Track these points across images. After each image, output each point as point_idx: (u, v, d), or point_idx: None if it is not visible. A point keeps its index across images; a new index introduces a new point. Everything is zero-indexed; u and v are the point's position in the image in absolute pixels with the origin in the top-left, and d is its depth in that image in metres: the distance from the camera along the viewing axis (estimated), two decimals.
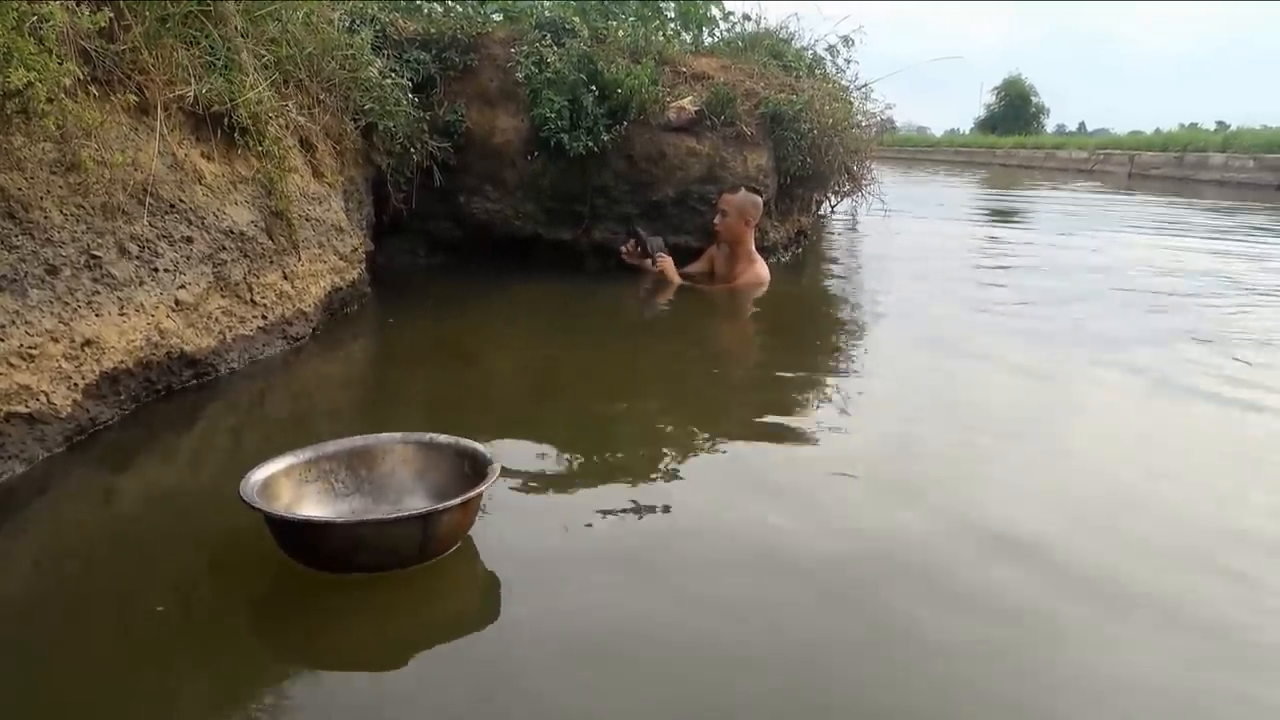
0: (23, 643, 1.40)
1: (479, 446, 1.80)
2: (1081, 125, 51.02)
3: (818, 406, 2.78)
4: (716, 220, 4.48)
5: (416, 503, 1.76)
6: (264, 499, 1.56)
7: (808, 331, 4.06)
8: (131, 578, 1.62)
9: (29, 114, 2.00)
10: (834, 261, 6.18)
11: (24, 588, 1.59)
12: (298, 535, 1.57)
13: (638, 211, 4.77)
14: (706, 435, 2.41)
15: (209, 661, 1.37)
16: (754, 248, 4.57)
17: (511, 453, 2.10)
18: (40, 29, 2.04)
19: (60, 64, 2.06)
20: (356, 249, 3.73)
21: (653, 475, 2.12)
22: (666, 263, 4.48)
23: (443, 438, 1.84)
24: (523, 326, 3.90)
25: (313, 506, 1.69)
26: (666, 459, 2.23)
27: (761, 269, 4.52)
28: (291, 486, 1.68)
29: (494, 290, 4.41)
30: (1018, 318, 4.15)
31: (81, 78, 2.20)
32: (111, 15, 2.34)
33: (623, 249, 4.57)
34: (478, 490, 1.62)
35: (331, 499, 1.74)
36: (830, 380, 3.10)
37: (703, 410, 2.69)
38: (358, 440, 1.82)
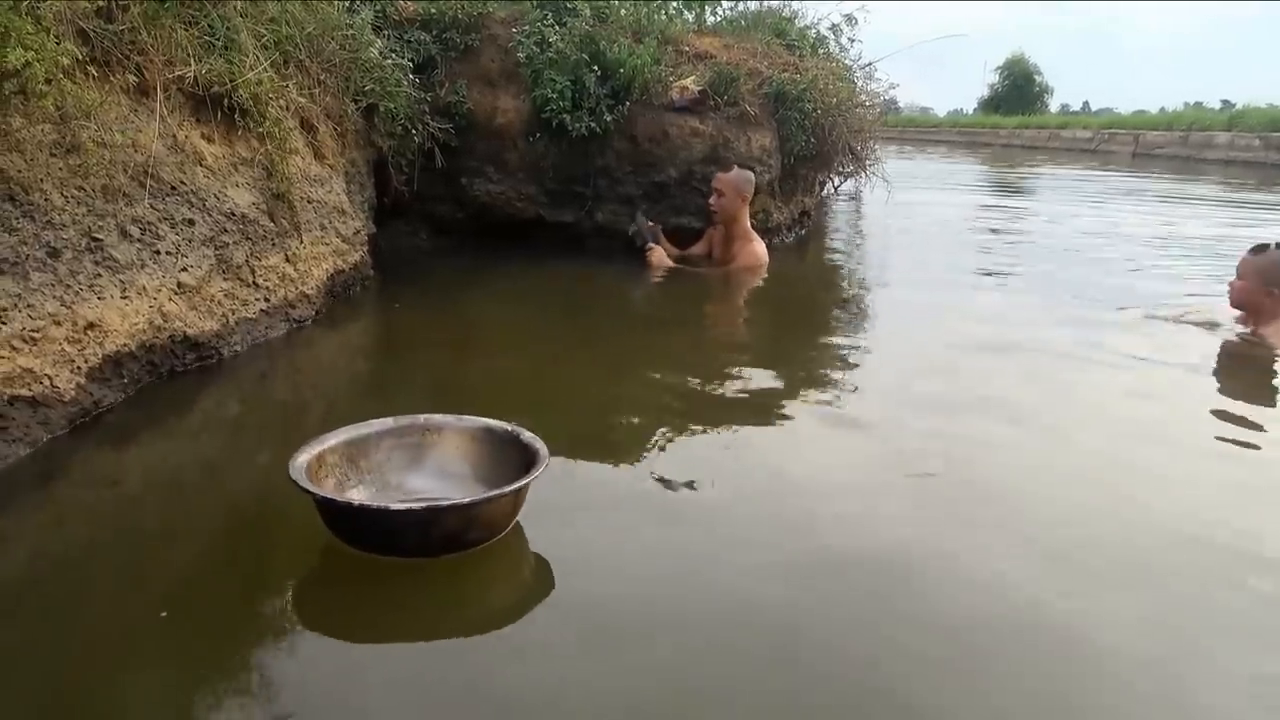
0: (26, 627, 1.40)
1: (487, 421, 1.80)
2: (1085, 105, 50.57)
3: (825, 387, 2.77)
4: (712, 201, 4.43)
5: (422, 484, 1.75)
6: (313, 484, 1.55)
7: (809, 311, 4.04)
8: (135, 562, 1.62)
9: (27, 94, 1.98)
10: (837, 241, 6.15)
11: (27, 571, 1.59)
12: (402, 523, 1.53)
13: (640, 193, 4.74)
14: (711, 418, 2.40)
15: (226, 648, 1.37)
16: (750, 226, 4.54)
17: None
18: (38, 8, 2.02)
19: (58, 44, 2.04)
20: (358, 231, 3.71)
21: (662, 457, 2.12)
22: (654, 253, 4.45)
23: (440, 417, 1.84)
24: (526, 309, 3.88)
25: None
26: (673, 440, 2.22)
27: (759, 248, 4.48)
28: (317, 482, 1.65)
29: (497, 272, 4.39)
30: (1019, 295, 4.14)
31: (80, 58, 2.17)
32: None
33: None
34: (544, 462, 1.65)
35: (341, 493, 1.70)
36: (835, 359, 3.09)
37: (706, 391, 2.67)
38: (349, 431, 1.75)
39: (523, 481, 1.60)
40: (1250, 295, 3.20)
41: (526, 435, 1.74)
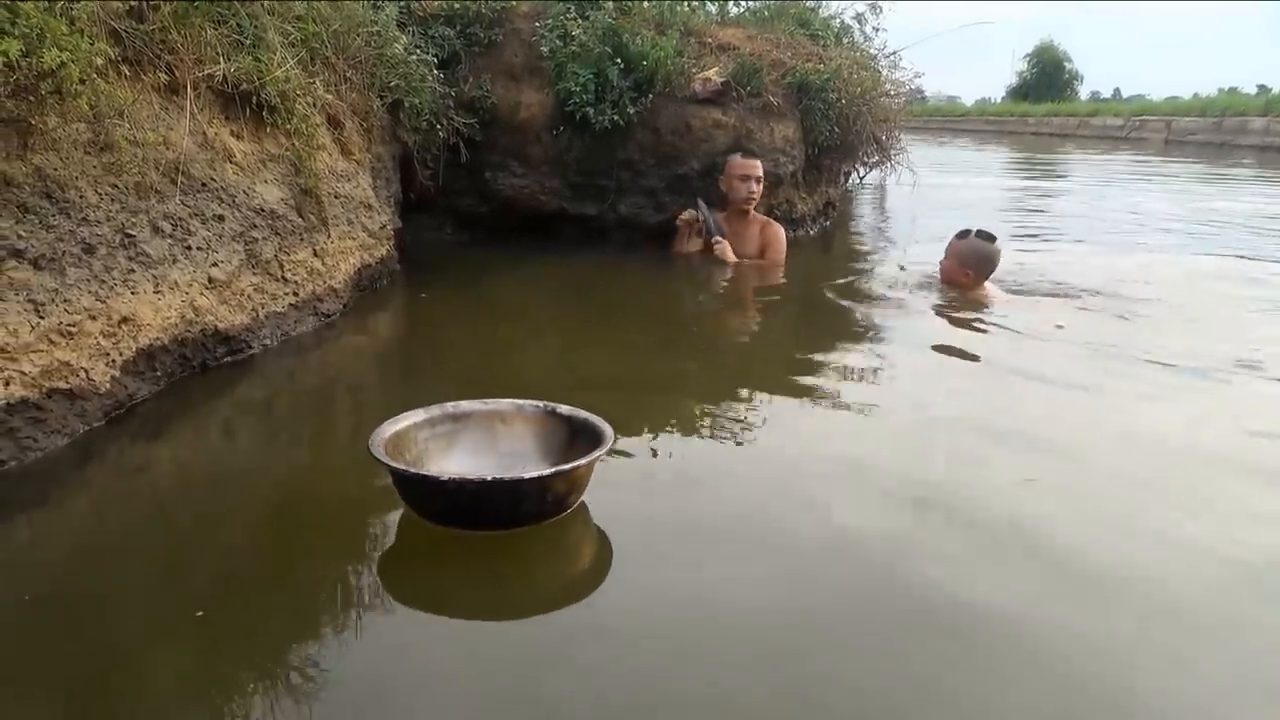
0: (63, 620, 1.42)
1: (517, 402, 1.86)
2: (1116, 91, 49.72)
3: (847, 374, 2.76)
4: (755, 189, 4.34)
5: (469, 466, 1.77)
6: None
7: (832, 306, 4.02)
8: (170, 555, 1.64)
9: (62, 94, 2.01)
10: (863, 234, 6.12)
11: (65, 564, 1.62)
12: (527, 491, 1.59)
13: (663, 185, 4.74)
14: (736, 412, 2.41)
15: (261, 644, 1.38)
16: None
17: None
18: (71, 9, 2.06)
19: (91, 44, 2.07)
20: (385, 226, 3.75)
21: (687, 442, 2.14)
22: (725, 247, 4.31)
23: (467, 404, 1.87)
24: (551, 300, 3.90)
25: None
26: (700, 431, 2.24)
27: (780, 229, 4.51)
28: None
29: (521, 265, 4.41)
30: (1046, 293, 4.10)
31: (112, 58, 2.21)
32: None
33: (683, 215, 4.46)
34: (607, 427, 1.71)
35: None
36: (864, 350, 3.08)
37: (732, 385, 2.68)
38: (389, 425, 1.73)
39: (606, 446, 1.66)
40: (953, 274, 3.84)
41: (564, 409, 1.80)
